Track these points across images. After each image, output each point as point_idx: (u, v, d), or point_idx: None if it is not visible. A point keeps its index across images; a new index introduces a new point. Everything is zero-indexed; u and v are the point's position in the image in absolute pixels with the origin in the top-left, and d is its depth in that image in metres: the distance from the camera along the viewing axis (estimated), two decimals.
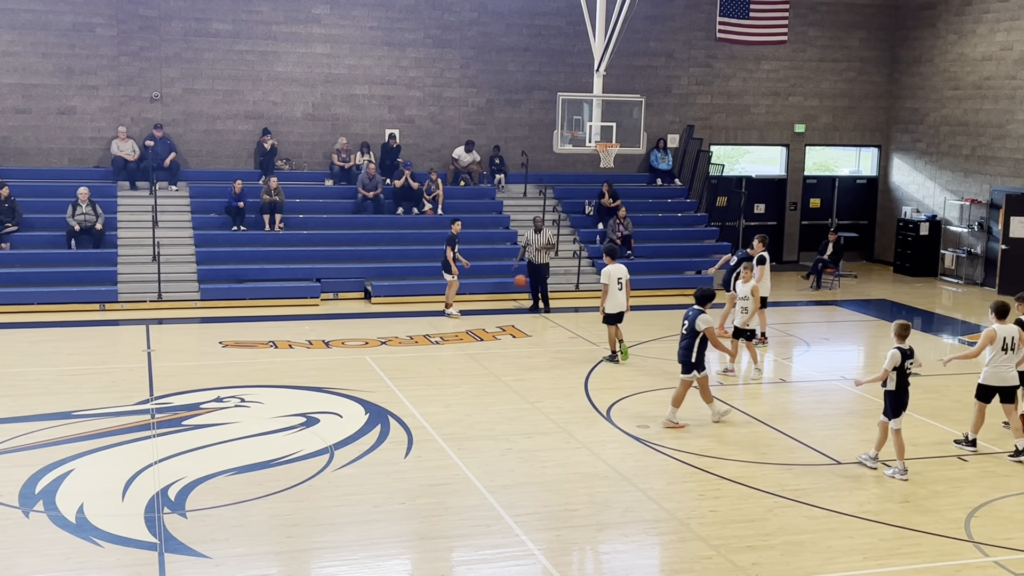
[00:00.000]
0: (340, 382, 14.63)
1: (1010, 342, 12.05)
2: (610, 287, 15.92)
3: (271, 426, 12.62)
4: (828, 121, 27.02)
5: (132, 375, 14.86)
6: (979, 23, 24.20)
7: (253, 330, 17.98)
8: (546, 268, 20.07)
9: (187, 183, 22.48)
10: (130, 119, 22.44)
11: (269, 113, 23.30)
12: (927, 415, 13.60)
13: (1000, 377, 12.13)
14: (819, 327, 18.92)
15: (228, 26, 22.86)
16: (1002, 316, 12.18)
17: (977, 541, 9.66)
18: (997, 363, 12.08)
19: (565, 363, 16.17)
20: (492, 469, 11.29)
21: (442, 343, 17.32)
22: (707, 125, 26.00)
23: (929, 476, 11.36)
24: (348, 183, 23.11)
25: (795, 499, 10.57)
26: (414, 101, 24.13)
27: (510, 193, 24.22)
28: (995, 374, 12.14)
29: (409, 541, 9.62)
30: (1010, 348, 12.05)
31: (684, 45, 25.62)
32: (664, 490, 10.81)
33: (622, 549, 9.51)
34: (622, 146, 19.66)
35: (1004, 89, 23.55)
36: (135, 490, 10.44)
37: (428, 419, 12.98)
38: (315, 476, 10.96)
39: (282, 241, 21.54)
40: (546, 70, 24.66)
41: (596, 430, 12.78)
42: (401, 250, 21.65)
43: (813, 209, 27.54)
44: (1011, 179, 23.34)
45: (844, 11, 26.60)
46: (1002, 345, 12.03)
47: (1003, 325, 12.15)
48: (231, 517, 9.81)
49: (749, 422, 13.30)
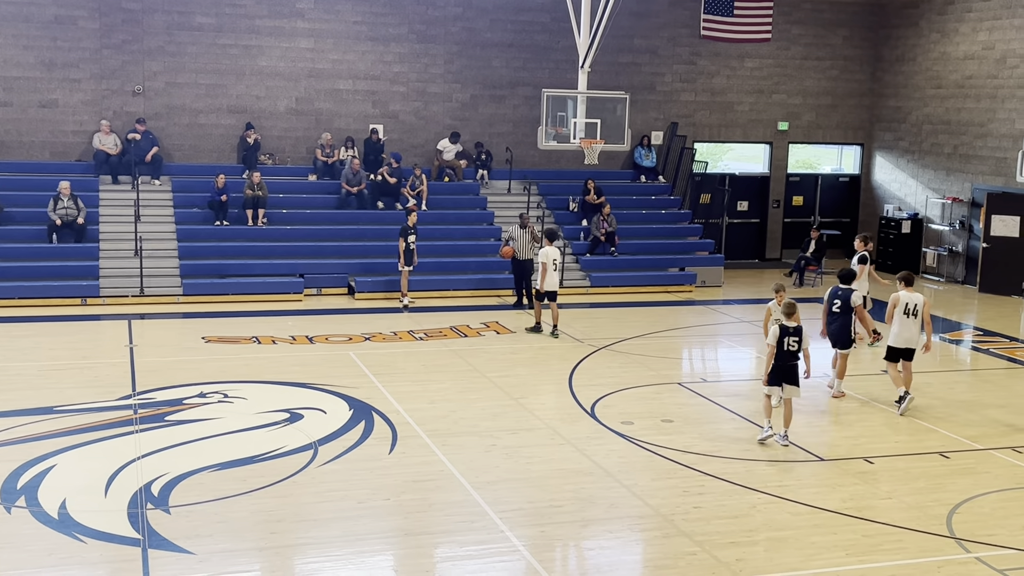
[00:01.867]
0: (324, 378, 14.60)
1: (912, 308, 13.43)
2: (547, 267, 17.29)
3: (254, 422, 12.58)
4: (811, 119, 27.11)
5: (114, 370, 14.78)
6: (961, 22, 24.33)
7: (236, 325, 17.92)
8: (531, 264, 20.04)
9: (170, 177, 22.36)
10: (112, 113, 22.31)
11: (252, 107, 23.21)
12: (908, 412, 13.66)
13: (904, 339, 13.53)
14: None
15: (211, 20, 22.74)
16: (908, 284, 13.62)
17: (959, 537, 9.72)
18: (902, 327, 13.47)
19: (549, 359, 16.18)
20: (476, 465, 11.29)
21: (426, 339, 17.31)
22: (691, 122, 26.05)
23: (912, 473, 11.43)
24: (332, 178, 23.04)
25: (779, 495, 10.62)
26: (398, 96, 24.08)
27: (494, 189, 24.21)
28: (899, 336, 13.51)
29: (393, 537, 9.61)
30: (912, 313, 13.42)
31: (668, 42, 25.66)
32: (648, 486, 10.84)
33: (606, 545, 9.52)
34: (606, 143, 19.67)
35: (986, 88, 23.68)
36: (118, 486, 10.39)
37: (412, 415, 12.96)
38: (299, 472, 10.94)
39: (265, 236, 21.46)
40: (531, 66, 24.66)
41: (580, 426, 12.79)
42: (385, 246, 21.59)
43: (796, 207, 27.63)
44: (992, 178, 23.48)
45: (828, 9, 26.69)
46: (904, 310, 13.41)
47: (907, 292, 13.54)
48: (214, 513, 9.78)
49: (733, 419, 13.34)
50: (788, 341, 12.05)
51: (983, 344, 18.20)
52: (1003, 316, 20.72)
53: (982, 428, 13.10)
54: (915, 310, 13.46)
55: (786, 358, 12.12)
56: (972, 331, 19.50)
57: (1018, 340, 18.61)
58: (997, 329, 19.38)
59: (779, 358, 12.13)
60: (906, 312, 13.47)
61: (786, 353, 12.09)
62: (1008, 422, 13.41)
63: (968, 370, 16.90)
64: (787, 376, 12.19)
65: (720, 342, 18.09)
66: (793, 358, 12.11)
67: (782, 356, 12.11)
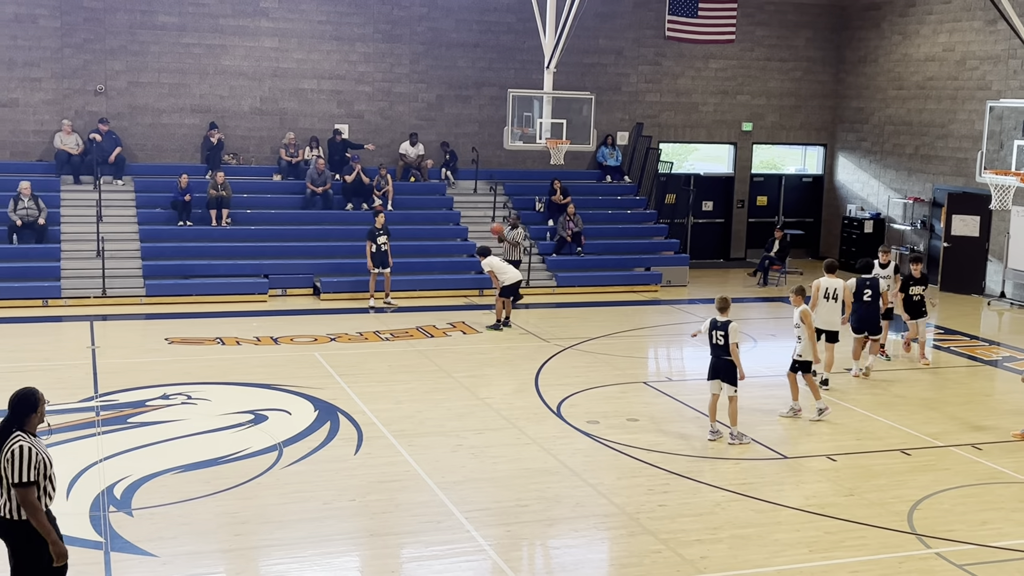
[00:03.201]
0: (289, 379, 14.53)
1: (832, 293, 14.59)
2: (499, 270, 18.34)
3: (218, 423, 12.51)
4: (775, 120, 27.31)
5: (76, 372, 14.64)
6: (922, 24, 24.61)
7: (200, 326, 17.80)
8: (517, 264, 20.42)
9: (132, 177, 22.16)
10: (74, 112, 22.08)
11: (216, 107, 23.05)
12: (870, 409, 13.82)
13: (825, 321, 14.58)
14: (766, 323, 19.14)
15: (174, 19, 22.56)
16: (830, 271, 14.76)
17: (919, 533, 9.84)
18: (823, 310, 14.54)
19: (516, 359, 16.20)
20: (443, 465, 11.28)
21: (392, 339, 17.27)
22: (656, 123, 26.16)
23: (873, 470, 11.55)
24: (296, 178, 22.93)
25: (743, 493, 10.69)
26: (363, 96, 24.01)
27: (460, 189, 24.19)
28: (821, 319, 14.44)
29: (359, 538, 9.59)
30: (832, 298, 14.59)
31: (633, 43, 25.76)
32: (614, 485, 10.88)
33: (572, 544, 9.55)
34: (572, 143, 19.74)
35: (947, 89, 23.96)
36: (80, 488, 10.30)
37: (378, 416, 12.93)
38: (263, 473, 10.89)
39: (229, 236, 21.32)
40: (496, 66, 24.67)
41: (547, 426, 12.82)
42: (351, 246, 21.51)
43: (760, 207, 27.83)
44: (953, 178, 23.76)
45: (791, 11, 26.90)
46: (825, 294, 14.56)
47: (829, 279, 14.65)
48: (178, 515, 9.71)
49: (697, 417, 13.42)
50: (715, 335, 12.16)
51: (944, 342, 18.41)
52: (964, 315, 20.98)
53: (943, 425, 13.27)
54: (835, 294, 14.63)
55: (715, 352, 12.24)
56: (933, 329, 19.72)
57: (978, 338, 18.85)
58: (958, 328, 19.62)
59: (711, 352, 12.32)
60: (826, 296, 14.60)
61: (714, 347, 12.22)
62: (968, 419, 13.58)
63: (929, 368, 17.09)
64: (722, 372, 12.25)
65: (685, 341, 18.18)
66: (723, 352, 12.16)
67: (712, 350, 12.29)
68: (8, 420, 6.91)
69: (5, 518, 6.84)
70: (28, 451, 6.76)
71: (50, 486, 6.91)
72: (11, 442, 6.79)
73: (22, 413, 6.92)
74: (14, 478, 6.72)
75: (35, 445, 6.83)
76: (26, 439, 6.82)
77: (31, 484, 6.74)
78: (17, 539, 6.87)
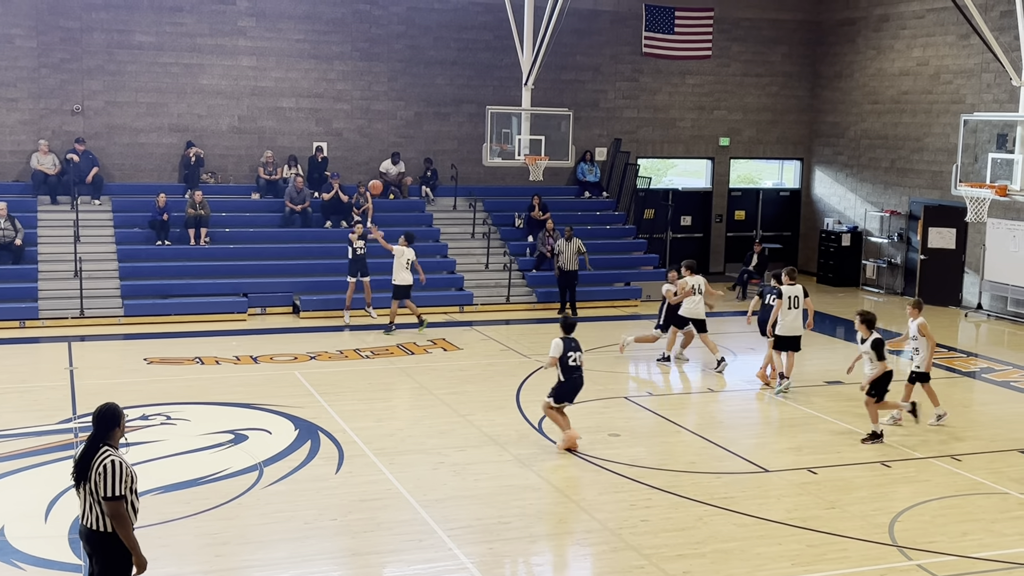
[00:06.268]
0: (269, 398, 14.47)
1: (794, 301, 15.17)
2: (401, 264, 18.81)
3: (198, 443, 12.44)
4: (752, 135, 27.48)
5: (54, 393, 14.53)
6: (896, 39, 24.84)
7: (179, 346, 17.70)
8: (575, 275, 21.09)
9: (110, 197, 22.06)
10: (51, 132, 21.98)
11: (194, 126, 23.00)
12: (850, 422, 13.87)
13: (788, 328, 15.18)
14: (745, 337, 19.19)
15: (152, 38, 22.52)
16: (791, 278, 15.30)
17: (901, 545, 9.88)
18: (786, 318, 15.13)
19: (496, 375, 16.19)
20: (424, 483, 11.25)
21: (372, 357, 17.23)
22: (634, 139, 26.27)
23: (855, 482, 11.59)
24: (275, 196, 22.89)
25: (724, 507, 10.71)
26: (342, 114, 24.01)
27: (440, 206, 24.20)
28: (784, 326, 15.12)
29: (341, 557, 9.54)
30: (794, 306, 15.17)
31: (611, 59, 25.88)
32: (596, 501, 10.88)
33: (555, 561, 9.54)
34: (551, 159, 19.80)
35: (921, 103, 24.18)
36: (58, 511, 10.21)
37: (359, 434, 12.89)
38: (244, 493, 10.83)
39: (208, 255, 21.24)
40: (474, 83, 24.73)
41: (528, 442, 12.81)
42: (330, 264, 21.48)
43: (738, 221, 27.96)
44: (929, 191, 23.95)
45: (766, 27, 27.10)
46: (788, 304, 15.11)
47: (790, 286, 15.22)
48: (158, 537, 9.63)
49: (679, 431, 13.44)
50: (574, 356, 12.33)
51: None
52: (941, 327, 21.08)
53: (922, 437, 13.34)
54: (797, 302, 15.23)
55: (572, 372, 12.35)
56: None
57: (956, 350, 18.96)
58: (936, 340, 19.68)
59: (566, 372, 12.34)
60: (790, 307, 15.17)
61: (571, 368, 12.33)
62: (947, 431, 13.66)
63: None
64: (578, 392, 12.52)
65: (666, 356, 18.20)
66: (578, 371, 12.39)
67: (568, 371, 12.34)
68: (95, 436, 7.12)
69: (94, 530, 7.05)
70: (120, 465, 6.99)
71: (136, 500, 7.13)
72: (102, 456, 7.00)
73: (107, 428, 7.14)
74: (107, 492, 6.93)
75: (124, 460, 7.06)
76: (115, 454, 7.05)
77: (121, 498, 6.97)
78: (104, 551, 7.07)
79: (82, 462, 7.03)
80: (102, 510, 6.97)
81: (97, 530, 7.02)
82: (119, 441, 7.18)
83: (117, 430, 7.15)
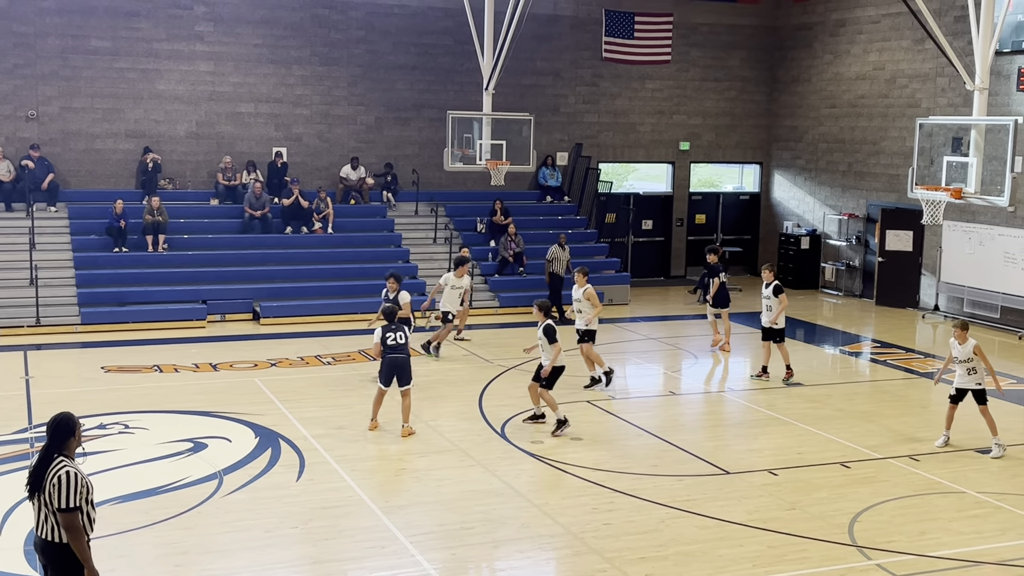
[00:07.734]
0: (228, 405, 14.34)
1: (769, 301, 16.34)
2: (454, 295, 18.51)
3: (157, 452, 12.30)
4: (711, 139, 27.65)
5: (9, 403, 14.31)
6: (853, 44, 25.10)
7: (137, 354, 17.51)
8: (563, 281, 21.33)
9: (66, 204, 21.78)
10: (4, 139, 21.68)
11: (151, 132, 22.77)
12: (810, 423, 13.98)
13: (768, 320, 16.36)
14: (706, 339, 19.30)
15: (107, 43, 22.28)
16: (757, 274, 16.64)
17: (860, 545, 9.96)
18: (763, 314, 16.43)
19: (459, 381, 16.15)
20: (386, 490, 11.20)
21: (334, 363, 17.14)
22: (595, 143, 26.35)
23: (814, 483, 11.68)
24: (234, 202, 22.71)
25: (686, 510, 10.75)
26: (301, 119, 23.88)
27: (401, 211, 24.13)
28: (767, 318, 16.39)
29: (302, 566, 9.47)
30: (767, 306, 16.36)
31: (571, 64, 25.95)
32: (559, 505, 10.88)
33: (518, 565, 9.53)
34: (512, 164, 19.81)
35: (878, 107, 24.45)
36: (14, 522, 10.06)
37: (320, 441, 12.81)
38: (204, 502, 10.72)
39: (166, 262, 21.04)
40: (435, 88, 24.68)
41: (491, 447, 12.79)
42: (290, 270, 21.35)
43: (699, 225, 28.12)
44: (886, 194, 24.21)
45: (725, 32, 27.29)
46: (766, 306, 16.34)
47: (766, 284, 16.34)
48: (116, 547, 9.51)
49: (641, 435, 13.48)
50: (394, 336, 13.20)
51: (880, 356, 18.71)
52: (899, 328, 21.35)
53: (881, 438, 13.46)
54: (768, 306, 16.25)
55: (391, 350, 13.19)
56: (870, 343, 20.04)
57: (914, 351, 19.18)
58: (894, 341, 19.95)
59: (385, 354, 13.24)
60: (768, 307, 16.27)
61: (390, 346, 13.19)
62: (905, 431, 13.80)
63: (866, 381, 17.35)
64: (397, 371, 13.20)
65: (627, 359, 18.27)
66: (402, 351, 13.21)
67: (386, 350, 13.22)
68: (49, 446, 6.99)
69: (49, 541, 6.94)
70: (74, 476, 6.87)
71: (92, 510, 7.01)
72: (56, 467, 6.88)
73: (62, 438, 7.01)
74: (61, 503, 6.82)
75: (79, 470, 6.93)
76: (70, 464, 6.92)
77: (76, 509, 6.85)
78: (59, 562, 6.96)
79: (36, 473, 6.91)
80: (57, 521, 6.87)
81: (52, 541, 6.92)
82: (76, 451, 7.05)
83: (72, 440, 7.02)
